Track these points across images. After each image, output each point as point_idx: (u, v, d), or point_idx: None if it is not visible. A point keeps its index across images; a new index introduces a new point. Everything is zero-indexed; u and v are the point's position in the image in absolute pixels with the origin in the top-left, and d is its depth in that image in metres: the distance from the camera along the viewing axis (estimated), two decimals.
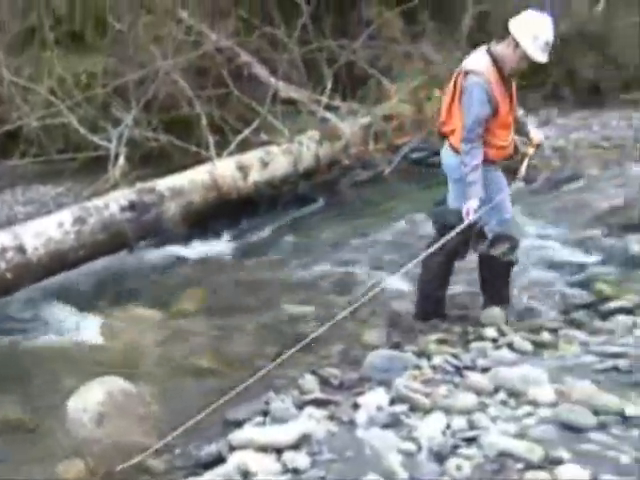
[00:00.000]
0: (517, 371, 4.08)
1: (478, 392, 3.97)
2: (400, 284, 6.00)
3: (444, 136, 5.22)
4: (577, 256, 6.81)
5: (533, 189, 9.37)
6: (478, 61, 4.99)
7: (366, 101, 10.77)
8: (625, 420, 3.62)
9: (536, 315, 5.39)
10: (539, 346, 4.72)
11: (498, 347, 4.72)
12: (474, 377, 4.17)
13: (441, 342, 4.88)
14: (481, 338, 4.91)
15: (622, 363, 4.18)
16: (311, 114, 10.10)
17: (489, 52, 5.00)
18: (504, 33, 4.96)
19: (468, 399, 3.89)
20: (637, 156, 10.62)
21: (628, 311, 5.12)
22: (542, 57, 4.90)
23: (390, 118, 10.22)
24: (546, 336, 4.90)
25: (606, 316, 5.15)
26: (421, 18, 12.19)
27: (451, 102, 5.08)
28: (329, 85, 10.48)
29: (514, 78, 5.13)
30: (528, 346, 4.70)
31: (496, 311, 5.22)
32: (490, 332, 4.97)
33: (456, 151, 5.05)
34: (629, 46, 13.77)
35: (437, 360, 4.52)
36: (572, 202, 8.63)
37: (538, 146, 5.33)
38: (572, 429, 3.55)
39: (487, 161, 4.99)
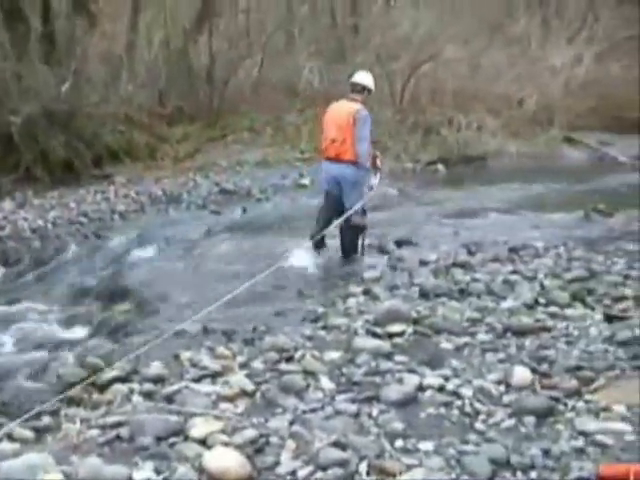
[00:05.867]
0: (21, 461, 3.93)
1: None
2: None
3: (336, 157, 8.36)
4: (69, 333, 6.88)
5: (16, 272, 9.28)
6: (356, 103, 8.38)
7: None
8: None
9: (36, 399, 5.26)
10: (41, 431, 4.60)
11: None
12: None
13: None
14: None
15: (123, 431, 4.28)
16: None
17: (353, 101, 8.44)
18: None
19: None
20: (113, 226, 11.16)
21: (123, 380, 5.25)
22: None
23: None
24: (47, 420, 4.81)
25: (103, 388, 5.20)
26: None
27: (346, 131, 8.25)
28: None
29: None
30: (29, 433, 4.55)
31: None
32: None
33: (352, 163, 8.30)
34: (94, 125, 14.44)
35: None
36: (55, 279, 8.73)
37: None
38: None
39: None
